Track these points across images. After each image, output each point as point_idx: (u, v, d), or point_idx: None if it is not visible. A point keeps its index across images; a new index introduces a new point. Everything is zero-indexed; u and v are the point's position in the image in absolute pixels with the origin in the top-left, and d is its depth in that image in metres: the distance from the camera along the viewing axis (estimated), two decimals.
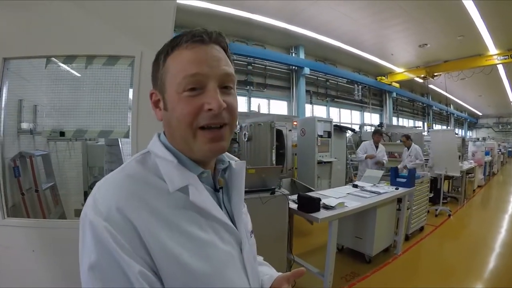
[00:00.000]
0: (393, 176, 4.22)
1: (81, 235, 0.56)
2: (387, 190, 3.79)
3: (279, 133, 5.26)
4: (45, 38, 1.76)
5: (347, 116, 14.14)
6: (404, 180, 4.09)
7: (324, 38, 9.66)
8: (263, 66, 10.48)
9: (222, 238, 0.66)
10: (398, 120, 17.08)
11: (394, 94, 15.66)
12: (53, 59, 1.90)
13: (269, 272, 0.88)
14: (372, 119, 14.94)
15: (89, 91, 1.94)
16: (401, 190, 3.89)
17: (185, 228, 0.60)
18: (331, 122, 6.63)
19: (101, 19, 1.74)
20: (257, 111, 7.40)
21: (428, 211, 5.19)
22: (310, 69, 10.92)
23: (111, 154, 2.18)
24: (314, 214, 2.74)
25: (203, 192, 0.65)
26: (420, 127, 17.91)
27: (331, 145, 6.28)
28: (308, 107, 11.50)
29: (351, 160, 8.25)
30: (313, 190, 4.51)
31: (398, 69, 13.28)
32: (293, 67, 10.95)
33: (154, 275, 0.55)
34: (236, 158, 0.83)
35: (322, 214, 2.78)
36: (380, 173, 4.52)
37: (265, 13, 8.03)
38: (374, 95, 15.12)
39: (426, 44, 10.04)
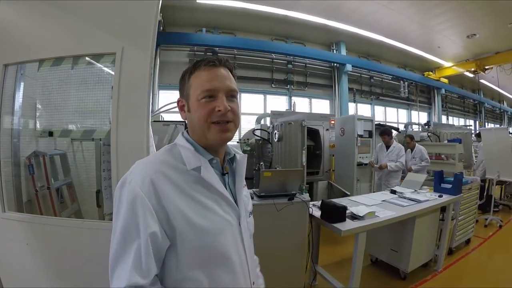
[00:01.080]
0: (437, 181, 3.63)
1: (118, 194, 0.80)
2: (429, 198, 3.27)
3: (315, 133, 4.86)
4: (36, 42, 1.75)
5: (393, 115, 13.00)
6: (450, 186, 3.45)
7: (365, 33, 8.92)
8: (304, 64, 9.94)
9: (222, 209, 0.88)
10: (447, 119, 15.43)
11: (443, 91, 14.12)
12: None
13: None
14: (420, 117, 13.59)
15: (75, 91, 1.87)
16: (445, 197, 3.33)
17: (194, 196, 0.83)
18: (372, 121, 6.03)
19: (79, 17, 1.66)
20: (291, 109, 6.95)
21: (477, 221, 4.47)
22: (352, 66, 10.14)
23: (108, 154, 1.95)
24: (337, 225, 2.34)
25: (211, 172, 0.89)
26: (471, 125, 16.12)
27: (373, 146, 5.67)
28: (351, 105, 10.73)
29: None
30: (348, 195, 4.09)
31: (446, 63, 11.95)
32: (335, 64, 10.27)
33: (164, 236, 0.78)
34: (240, 152, 1.05)
35: (347, 225, 2.38)
36: (422, 177, 3.94)
37: (302, 9, 7.59)
38: (422, 92, 13.78)
39: (474, 34, 8.87)
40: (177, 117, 7.50)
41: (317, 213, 2.61)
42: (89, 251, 1.67)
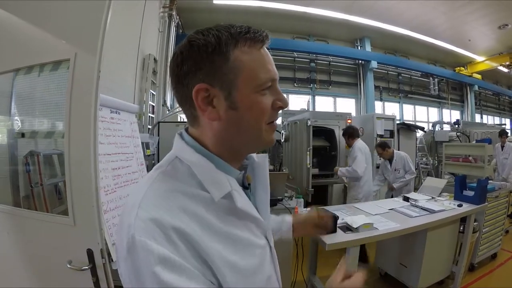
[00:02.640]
0: (457, 187, 3.07)
1: (130, 264, 0.48)
2: (445, 207, 2.76)
3: (331, 133, 4.47)
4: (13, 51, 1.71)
5: (423, 114, 12.02)
6: (473, 193, 2.93)
7: (389, 27, 8.29)
8: (327, 62, 9.51)
9: (255, 234, 0.64)
10: (482, 117, 14.04)
11: (476, 87, 12.88)
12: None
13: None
14: (452, 116, 12.45)
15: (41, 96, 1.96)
16: (465, 207, 2.80)
17: (231, 233, 0.58)
18: (393, 119, 5.50)
19: (40, 25, 1.57)
20: (306, 108, 6.57)
21: (507, 232, 3.84)
22: (378, 63, 9.50)
23: None
24: (324, 236, 1.97)
25: (243, 195, 0.63)
26: (505, 124, 14.55)
27: (395, 147, 5.20)
28: (378, 104, 10.04)
29: (425, 164, 6.87)
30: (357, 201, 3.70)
31: (478, 58, 10.78)
32: (359, 61, 9.69)
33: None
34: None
35: (338, 237, 2.02)
36: (442, 182, 3.39)
37: (320, 5, 7.19)
38: (453, 89, 12.64)
39: (506, 25, 7.92)
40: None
41: None
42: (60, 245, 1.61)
